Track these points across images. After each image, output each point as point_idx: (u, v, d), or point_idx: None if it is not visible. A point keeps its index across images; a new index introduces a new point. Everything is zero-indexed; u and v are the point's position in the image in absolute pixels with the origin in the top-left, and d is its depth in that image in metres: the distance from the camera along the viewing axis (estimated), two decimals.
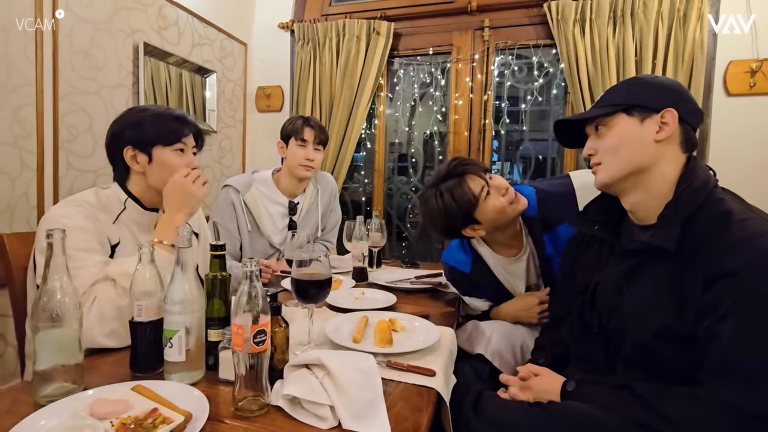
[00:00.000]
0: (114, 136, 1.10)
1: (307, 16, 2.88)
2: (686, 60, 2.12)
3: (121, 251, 1.07)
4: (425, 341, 1.00)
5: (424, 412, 0.73)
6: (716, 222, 0.78)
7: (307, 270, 0.96)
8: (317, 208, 1.93)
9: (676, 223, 0.81)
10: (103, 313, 0.92)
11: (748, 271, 0.71)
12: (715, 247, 0.76)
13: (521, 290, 1.38)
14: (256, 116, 2.98)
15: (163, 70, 2.20)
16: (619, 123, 0.90)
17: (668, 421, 0.72)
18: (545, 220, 1.30)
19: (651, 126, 0.87)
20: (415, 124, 2.84)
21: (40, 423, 0.64)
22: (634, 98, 0.90)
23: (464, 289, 1.43)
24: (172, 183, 1.08)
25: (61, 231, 0.74)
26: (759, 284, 0.71)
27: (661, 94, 0.89)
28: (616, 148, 0.90)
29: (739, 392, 0.69)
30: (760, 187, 2.10)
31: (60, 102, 1.72)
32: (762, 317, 0.70)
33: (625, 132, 0.89)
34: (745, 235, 0.74)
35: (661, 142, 0.86)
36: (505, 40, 2.52)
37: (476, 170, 1.25)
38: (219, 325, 0.85)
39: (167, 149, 1.10)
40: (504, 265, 1.37)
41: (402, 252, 2.93)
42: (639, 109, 0.88)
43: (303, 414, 0.70)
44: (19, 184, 1.60)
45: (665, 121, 0.86)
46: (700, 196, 0.82)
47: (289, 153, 1.79)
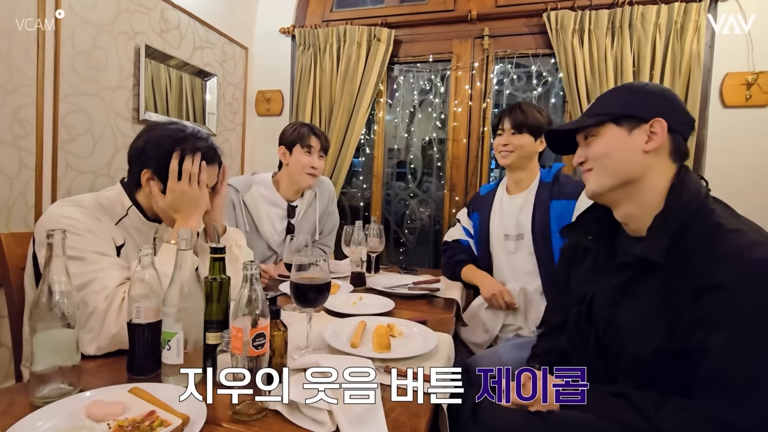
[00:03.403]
0: (138, 153, 1.08)
1: (308, 21, 2.90)
2: (683, 71, 2.14)
3: (125, 253, 1.06)
4: (423, 347, 1.00)
5: (422, 418, 0.73)
6: (706, 234, 0.79)
7: (306, 274, 0.96)
8: (315, 211, 1.93)
9: (665, 236, 0.81)
10: None
11: (736, 284, 0.72)
12: (703, 259, 0.76)
13: (496, 240, 1.67)
14: (255, 120, 2.99)
15: (163, 72, 2.20)
16: (607, 133, 0.90)
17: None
18: (553, 188, 1.59)
19: (639, 136, 0.87)
20: (414, 130, 2.85)
21: (37, 424, 0.63)
22: (624, 108, 0.89)
23: (469, 205, 1.85)
24: (171, 193, 1.06)
25: (62, 231, 0.74)
26: (746, 297, 0.71)
27: (651, 103, 0.89)
28: (605, 157, 0.90)
29: (728, 407, 0.69)
30: (755, 198, 2.12)
31: (60, 102, 1.72)
32: (749, 331, 0.70)
33: (613, 142, 0.89)
34: (733, 248, 0.74)
35: (650, 152, 0.87)
36: (504, 49, 2.55)
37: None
38: (217, 328, 0.85)
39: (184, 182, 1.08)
40: (505, 200, 1.70)
41: (399, 258, 2.93)
42: (628, 119, 0.88)
43: (301, 418, 0.69)
44: (17, 183, 1.60)
45: (654, 131, 0.86)
46: (691, 207, 0.82)
47: (294, 160, 1.79)
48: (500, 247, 1.66)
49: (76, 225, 0.95)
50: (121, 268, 0.99)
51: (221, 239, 1.22)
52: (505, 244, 1.65)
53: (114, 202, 1.09)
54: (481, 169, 2.62)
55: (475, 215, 1.78)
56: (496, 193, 1.75)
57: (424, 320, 1.21)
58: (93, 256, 0.94)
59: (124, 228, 1.09)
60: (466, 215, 1.84)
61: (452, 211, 2.68)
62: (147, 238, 1.13)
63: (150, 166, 1.06)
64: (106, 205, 1.08)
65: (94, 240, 0.97)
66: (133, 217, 1.10)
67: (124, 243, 1.07)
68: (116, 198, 1.10)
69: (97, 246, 0.97)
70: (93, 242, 0.96)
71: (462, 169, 2.67)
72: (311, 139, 1.79)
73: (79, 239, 0.94)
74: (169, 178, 1.06)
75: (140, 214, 1.11)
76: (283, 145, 1.83)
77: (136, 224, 1.11)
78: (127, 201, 1.10)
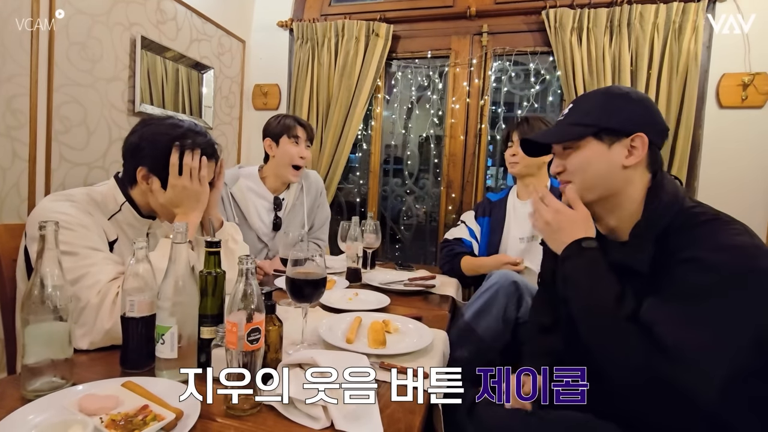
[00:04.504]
0: (133, 149, 1.06)
1: (306, 15, 2.87)
2: (680, 71, 2.15)
3: (119, 249, 1.05)
4: (418, 343, 1.00)
5: (417, 414, 0.73)
6: (687, 230, 0.79)
7: (302, 269, 0.95)
8: (303, 204, 1.93)
9: (648, 243, 0.82)
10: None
11: (701, 253, 0.74)
12: (683, 247, 0.78)
13: (511, 241, 1.73)
14: (252, 114, 2.97)
15: (159, 64, 2.18)
16: (587, 146, 0.89)
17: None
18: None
19: (619, 151, 0.87)
20: (411, 126, 2.84)
21: (28, 417, 0.63)
22: (604, 120, 0.88)
23: (476, 210, 1.88)
24: (173, 188, 1.05)
25: (54, 223, 0.73)
26: (708, 259, 0.73)
27: (632, 116, 0.87)
28: (584, 171, 0.89)
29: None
30: (749, 197, 2.14)
31: (54, 93, 1.70)
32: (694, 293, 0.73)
33: (593, 156, 0.88)
34: (708, 231, 0.76)
35: (630, 167, 0.86)
36: (503, 46, 2.54)
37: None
38: (212, 323, 0.84)
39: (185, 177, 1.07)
40: (517, 207, 1.78)
41: (395, 254, 2.93)
42: (608, 132, 0.87)
43: (295, 414, 0.69)
44: (10, 175, 1.58)
45: (635, 146, 0.86)
46: (672, 210, 0.83)
47: (281, 151, 1.80)
48: (514, 249, 1.74)
49: (68, 220, 0.94)
50: (114, 262, 0.98)
51: (217, 234, 1.21)
52: (519, 245, 1.73)
53: (107, 197, 1.08)
54: (478, 166, 2.62)
55: (485, 219, 1.84)
56: (508, 200, 1.84)
57: (419, 316, 1.21)
58: (85, 251, 0.93)
59: (116, 224, 1.08)
60: (473, 218, 1.88)
61: (448, 208, 2.68)
62: (140, 234, 1.12)
63: (146, 163, 1.05)
64: (98, 200, 1.06)
65: (87, 235, 0.96)
66: (126, 213, 1.09)
67: (117, 238, 1.06)
68: (109, 193, 1.08)
69: (90, 241, 0.96)
70: (85, 237, 0.95)
71: (459, 167, 2.66)
72: (297, 129, 1.80)
73: (72, 234, 0.93)
74: (170, 174, 1.05)
75: (134, 211, 1.10)
76: (269, 137, 1.83)
77: (129, 220, 1.10)
78: (120, 197, 1.08)
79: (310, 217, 1.97)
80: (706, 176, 2.23)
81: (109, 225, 1.06)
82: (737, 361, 0.69)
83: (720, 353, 0.69)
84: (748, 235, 0.75)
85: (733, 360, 0.69)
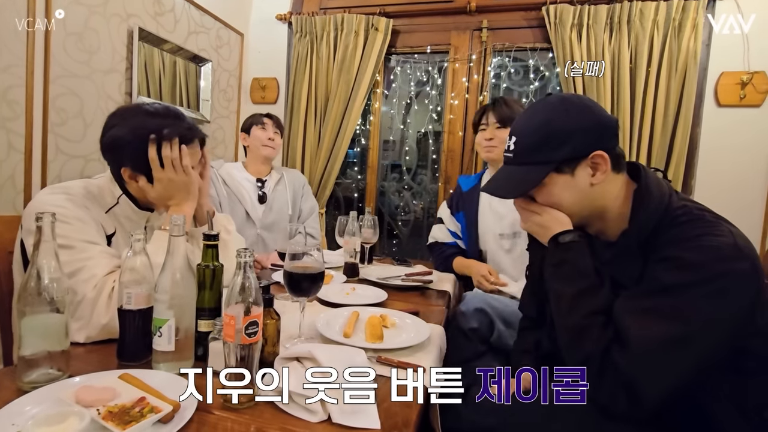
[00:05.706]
0: (109, 148, 1.02)
1: (305, 8, 2.86)
2: (680, 69, 2.15)
3: (116, 242, 1.04)
4: (416, 338, 1.00)
5: (413, 409, 0.73)
6: (668, 232, 0.80)
7: (300, 263, 0.95)
8: (285, 188, 2.08)
9: (636, 248, 0.83)
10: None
11: (679, 252, 0.75)
12: (660, 250, 0.79)
13: (491, 235, 1.65)
14: (250, 108, 2.95)
15: (157, 56, 2.17)
16: (551, 183, 0.87)
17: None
18: None
19: (584, 172, 0.86)
20: (409, 122, 2.84)
21: (25, 409, 0.63)
22: (558, 153, 0.85)
23: (451, 205, 1.79)
24: (159, 182, 1.02)
25: (51, 215, 0.73)
26: (685, 258, 0.74)
27: (584, 136, 0.85)
28: (558, 204, 0.89)
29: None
30: (745, 196, 2.15)
31: (51, 84, 1.68)
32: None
33: (561, 190, 0.87)
34: (689, 234, 0.77)
35: (598, 183, 0.86)
36: (502, 42, 2.53)
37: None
38: (209, 316, 0.84)
39: (168, 170, 1.03)
40: (494, 199, 1.59)
41: (393, 249, 2.93)
42: (568, 162, 0.85)
43: (293, 407, 0.69)
44: (5, 166, 1.57)
45: (596, 162, 0.85)
46: (658, 213, 0.83)
47: (252, 137, 2.02)
48: (495, 245, 1.67)
49: (65, 213, 0.93)
50: (111, 256, 0.97)
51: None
52: (501, 242, 1.65)
53: (104, 190, 1.06)
54: (476, 162, 2.62)
55: (461, 215, 1.76)
56: (480, 193, 1.70)
57: (416, 311, 1.21)
58: (82, 244, 0.93)
59: (114, 217, 1.06)
60: (450, 215, 1.81)
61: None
62: (138, 226, 1.11)
63: (127, 163, 1.02)
64: (95, 193, 1.05)
65: (83, 228, 0.95)
66: (123, 206, 1.08)
67: (115, 232, 1.05)
68: (106, 186, 1.07)
69: (86, 234, 0.95)
70: (82, 230, 0.95)
71: (457, 162, 2.66)
72: (264, 119, 2.03)
73: (68, 227, 0.92)
74: (152, 169, 1.02)
75: (131, 203, 1.08)
76: (243, 131, 2.06)
77: (127, 213, 1.08)
78: (117, 190, 1.07)
79: (296, 205, 2.09)
80: (703, 174, 2.24)
81: (107, 218, 1.05)
82: (700, 358, 0.73)
83: (680, 351, 0.72)
84: (731, 236, 0.75)
85: (697, 356, 0.73)
